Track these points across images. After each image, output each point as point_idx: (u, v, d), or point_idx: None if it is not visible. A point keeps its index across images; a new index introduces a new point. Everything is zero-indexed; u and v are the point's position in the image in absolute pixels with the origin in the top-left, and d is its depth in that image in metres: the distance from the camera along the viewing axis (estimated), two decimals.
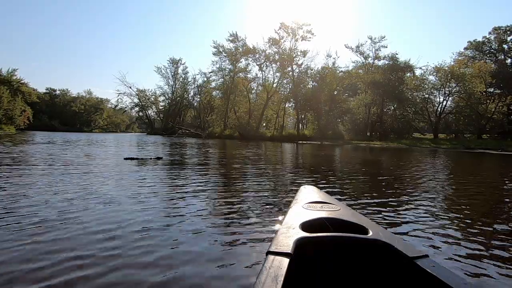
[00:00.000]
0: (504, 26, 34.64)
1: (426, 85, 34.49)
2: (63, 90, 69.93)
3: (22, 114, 41.67)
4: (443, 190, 4.88)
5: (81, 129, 60.84)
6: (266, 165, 7.92)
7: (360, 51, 37.49)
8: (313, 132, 35.68)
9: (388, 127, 34.74)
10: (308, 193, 2.02)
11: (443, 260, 1.93)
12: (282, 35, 37.16)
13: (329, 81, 35.27)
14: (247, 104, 40.59)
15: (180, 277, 1.64)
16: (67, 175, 4.88)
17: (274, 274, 0.94)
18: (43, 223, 2.41)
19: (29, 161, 6.77)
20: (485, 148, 22.47)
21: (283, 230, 1.32)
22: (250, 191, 4.10)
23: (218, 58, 42.00)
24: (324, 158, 11.25)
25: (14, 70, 43.95)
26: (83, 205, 3.00)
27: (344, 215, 1.52)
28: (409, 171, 7.36)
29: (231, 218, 2.78)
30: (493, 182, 6.30)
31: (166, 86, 53.78)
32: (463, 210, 3.44)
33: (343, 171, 7.16)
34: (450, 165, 10.03)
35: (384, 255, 1.18)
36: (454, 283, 0.93)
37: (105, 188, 3.94)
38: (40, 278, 1.57)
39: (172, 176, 5.38)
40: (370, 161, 11.10)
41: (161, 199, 3.45)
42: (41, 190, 3.66)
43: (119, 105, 56.97)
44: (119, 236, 2.20)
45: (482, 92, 31.79)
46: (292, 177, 5.81)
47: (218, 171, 6.35)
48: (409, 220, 2.87)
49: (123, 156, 8.24)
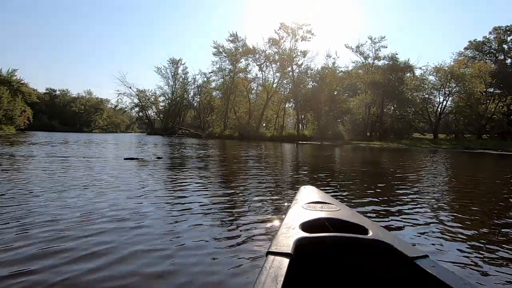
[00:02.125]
0: (504, 26, 34.66)
1: (426, 85, 34.52)
2: (63, 90, 70.00)
3: (22, 114, 41.65)
4: (443, 190, 4.88)
5: (81, 130, 60.80)
6: (266, 165, 7.92)
7: (360, 51, 37.51)
8: (313, 132, 35.68)
9: (388, 127, 34.73)
10: (308, 193, 2.02)
11: (443, 260, 1.93)
12: (282, 35, 37.20)
13: (329, 81, 35.25)
14: (247, 104, 40.57)
15: (180, 277, 1.63)
16: (66, 175, 4.88)
17: (274, 274, 0.94)
18: (42, 223, 2.41)
19: (29, 161, 6.77)
20: (485, 148, 22.47)
21: (283, 230, 1.32)
22: (249, 191, 4.10)
23: (218, 58, 42.03)
24: (324, 158, 11.25)
25: (14, 71, 43.96)
26: (83, 205, 3.00)
27: (344, 215, 1.52)
28: (409, 171, 7.36)
29: (231, 218, 2.78)
30: (493, 182, 6.30)
31: (166, 86, 53.81)
32: (463, 210, 3.44)
33: (343, 171, 7.16)
34: (449, 165, 10.03)
35: (384, 255, 1.18)
36: (454, 283, 0.93)
37: (105, 188, 3.94)
38: (40, 275, 1.58)
39: (171, 176, 5.37)
40: (370, 161, 11.10)
41: (160, 199, 3.45)
42: (41, 190, 3.66)
43: (119, 105, 57.03)
44: (118, 236, 2.20)
45: (482, 92, 31.79)
46: (292, 177, 5.81)
47: (218, 171, 6.35)
48: (409, 220, 2.87)
49: (123, 156, 8.24)
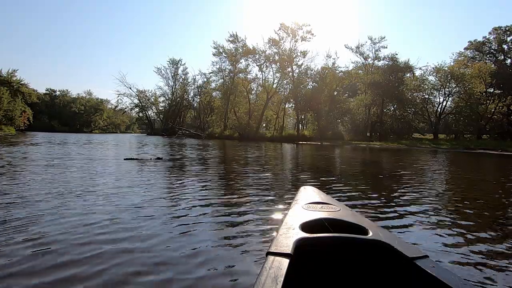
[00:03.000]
0: (504, 26, 34.63)
1: (426, 85, 34.51)
2: (63, 90, 69.97)
3: (22, 115, 41.67)
4: (443, 190, 4.88)
5: (81, 130, 60.81)
6: (265, 165, 7.92)
7: (360, 51, 37.52)
8: (313, 133, 35.70)
9: (388, 127, 34.74)
10: (308, 193, 2.02)
11: (443, 260, 1.93)
12: (282, 35, 37.19)
13: (329, 81, 35.26)
14: (247, 104, 40.58)
15: (180, 277, 1.64)
16: (66, 175, 4.88)
17: (274, 274, 0.94)
18: (43, 222, 2.41)
19: (29, 161, 6.77)
20: (484, 148, 22.48)
21: (283, 231, 1.32)
22: (249, 191, 4.10)
23: (218, 59, 42.02)
24: (323, 159, 11.25)
25: (14, 71, 44.03)
26: (83, 205, 3.00)
27: (344, 215, 1.52)
28: (408, 172, 7.36)
29: (230, 219, 2.78)
30: (493, 182, 6.30)
31: (166, 86, 53.79)
32: (462, 210, 3.44)
33: (343, 172, 7.16)
34: (449, 165, 10.03)
35: (384, 256, 1.18)
36: (454, 284, 0.93)
37: (104, 188, 3.94)
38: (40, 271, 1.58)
39: (171, 176, 5.38)
40: (370, 161, 11.10)
41: (160, 200, 3.45)
42: (41, 190, 3.65)
43: (119, 106, 56.96)
44: (118, 236, 2.20)
45: (482, 93, 31.79)
46: (292, 178, 5.81)
47: (218, 172, 6.35)
48: (409, 220, 2.87)
49: (123, 157, 8.24)
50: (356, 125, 35.85)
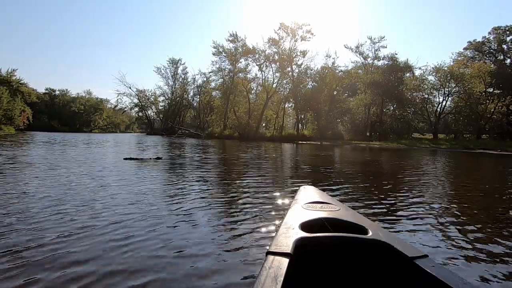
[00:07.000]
0: (504, 26, 34.63)
1: (425, 85, 34.48)
2: (63, 90, 69.80)
3: (22, 114, 41.60)
4: (443, 190, 4.88)
5: (80, 130, 60.70)
6: (265, 165, 7.92)
7: (360, 51, 37.45)
8: (312, 132, 35.69)
9: (388, 127, 34.75)
10: (307, 193, 2.01)
11: (443, 260, 1.93)
12: (282, 35, 37.13)
13: (328, 81, 35.25)
14: (247, 104, 40.54)
15: (180, 277, 1.64)
16: (66, 175, 4.87)
17: (274, 274, 0.94)
18: (43, 222, 2.41)
19: (29, 161, 6.76)
20: (484, 148, 22.48)
21: (282, 230, 1.32)
22: (249, 191, 4.10)
23: (218, 58, 41.90)
24: (323, 158, 11.25)
25: (13, 70, 43.95)
26: (82, 205, 3.00)
27: (343, 215, 1.52)
28: (408, 171, 7.36)
29: (230, 218, 2.78)
30: (493, 182, 6.31)
31: (166, 86, 53.69)
32: (462, 210, 3.44)
33: (342, 171, 7.16)
34: (449, 165, 10.04)
35: (384, 255, 1.18)
36: (453, 283, 0.93)
37: (104, 188, 3.93)
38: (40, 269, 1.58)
39: (171, 176, 5.37)
40: (370, 161, 11.10)
41: (160, 199, 3.45)
42: (41, 190, 3.65)
43: (119, 106, 56.85)
44: (117, 236, 2.20)
45: (482, 92, 31.79)
46: (292, 177, 5.81)
47: (218, 171, 6.35)
48: (409, 220, 2.87)
49: (122, 156, 8.23)
50: (355, 125, 35.84)
